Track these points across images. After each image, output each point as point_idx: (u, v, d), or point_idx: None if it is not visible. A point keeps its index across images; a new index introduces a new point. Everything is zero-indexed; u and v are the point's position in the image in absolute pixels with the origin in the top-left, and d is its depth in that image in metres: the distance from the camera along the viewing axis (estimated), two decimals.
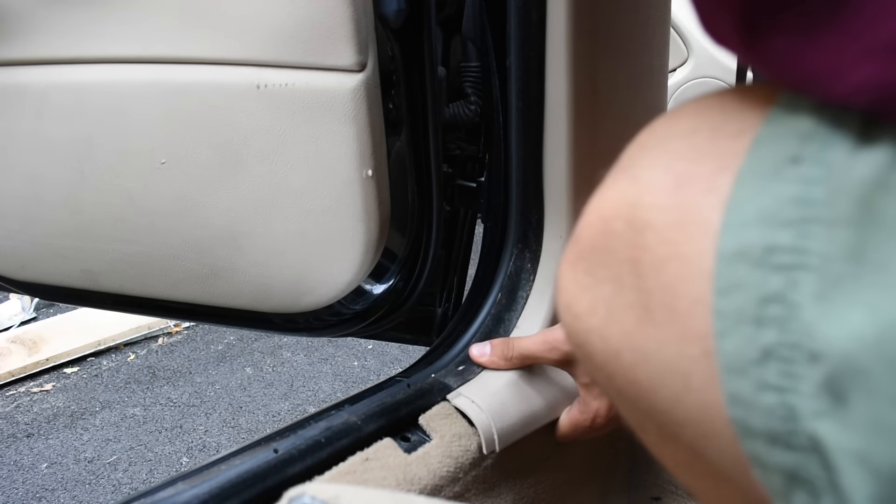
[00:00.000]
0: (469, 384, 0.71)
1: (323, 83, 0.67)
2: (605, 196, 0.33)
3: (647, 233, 0.29)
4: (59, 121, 0.77)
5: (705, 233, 0.27)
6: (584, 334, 0.34)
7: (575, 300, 0.34)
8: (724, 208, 0.26)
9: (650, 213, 0.29)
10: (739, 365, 0.25)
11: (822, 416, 0.23)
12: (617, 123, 0.78)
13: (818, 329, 0.23)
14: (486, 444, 0.66)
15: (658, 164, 0.30)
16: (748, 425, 0.25)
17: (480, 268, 0.85)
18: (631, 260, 0.30)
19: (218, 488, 0.56)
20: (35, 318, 3.03)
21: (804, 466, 0.24)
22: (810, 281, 0.23)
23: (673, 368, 0.29)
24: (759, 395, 0.24)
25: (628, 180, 0.31)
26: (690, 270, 0.27)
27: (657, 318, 0.29)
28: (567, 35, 0.70)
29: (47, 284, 0.89)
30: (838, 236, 0.23)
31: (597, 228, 0.33)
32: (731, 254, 0.26)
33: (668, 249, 0.28)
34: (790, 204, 0.24)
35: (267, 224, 0.75)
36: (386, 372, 2.56)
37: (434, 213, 0.81)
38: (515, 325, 0.80)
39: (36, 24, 0.74)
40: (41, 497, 2.02)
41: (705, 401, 0.27)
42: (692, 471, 0.36)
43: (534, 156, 0.77)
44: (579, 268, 0.34)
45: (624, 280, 0.31)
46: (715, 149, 0.28)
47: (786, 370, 0.24)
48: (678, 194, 0.28)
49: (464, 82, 0.81)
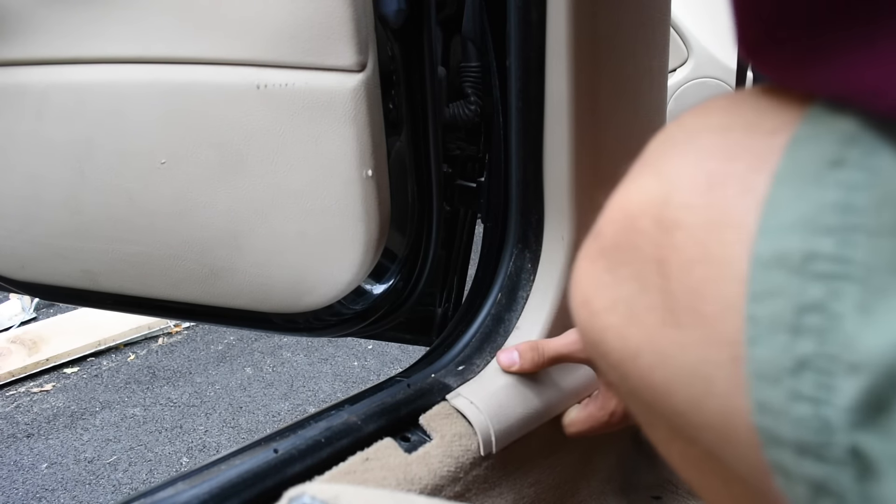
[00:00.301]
0: (468, 384, 0.71)
1: (323, 83, 0.67)
2: (630, 192, 0.31)
3: (676, 233, 0.28)
4: (59, 121, 0.77)
5: (740, 236, 0.26)
6: (600, 332, 0.33)
7: (594, 297, 0.33)
8: (761, 211, 0.25)
9: (680, 212, 0.28)
10: (772, 373, 0.25)
11: (862, 428, 0.22)
12: (617, 123, 0.78)
13: (859, 340, 0.22)
14: (483, 445, 0.66)
15: (688, 160, 0.29)
16: (776, 434, 0.25)
17: (480, 268, 0.85)
18: (657, 260, 0.29)
19: (218, 488, 0.56)
20: (35, 318, 3.03)
21: (834, 479, 0.23)
22: (853, 292, 0.23)
23: (695, 372, 0.28)
24: (792, 405, 0.24)
25: (656, 177, 0.30)
26: (722, 274, 0.26)
27: (682, 320, 0.28)
28: (567, 35, 0.70)
29: (47, 284, 0.89)
30: (884, 246, 0.22)
31: (621, 225, 0.32)
32: (768, 259, 0.25)
33: (699, 251, 0.27)
34: (832, 210, 0.24)
35: (267, 224, 0.75)
36: (386, 372, 2.56)
37: (434, 213, 0.81)
38: (515, 326, 0.80)
39: (36, 24, 0.74)
40: (41, 497, 2.02)
41: (728, 406, 0.27)
42: (700, 469, 0.35)
43: (534, 156, 0.77)
44: (600, 264, 0.33)
45: (648, 280, 0.30)
46: (750, 147, 0.27)
47: (822, 382, 0.23)
48: (711, 194, 0.27)
49: (464, 82, 0.81)
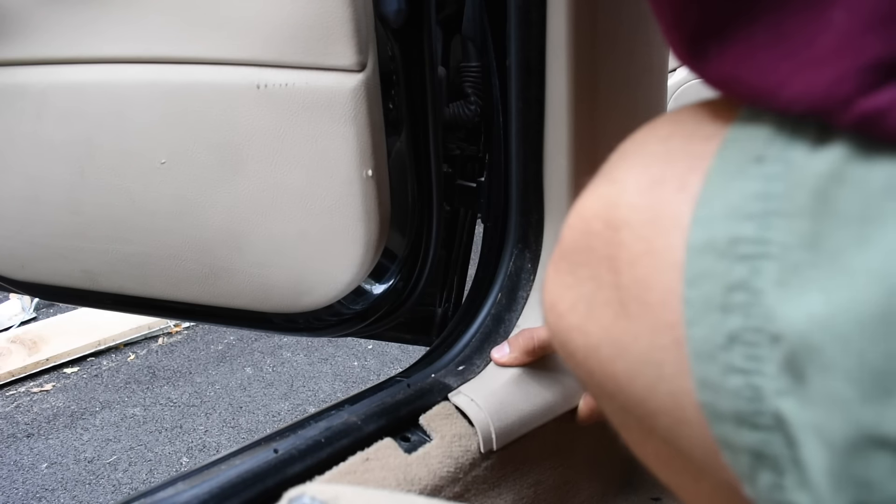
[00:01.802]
0: (470, 384, 0.71)
1: (323, 83, 0.67)
2: (586, 198, 0.34)
3: (622, 230, 0.31)
4: (58, 121, 0.77)
5: (676, 228, 0.28)
6: (566, 332, 0.36)
7: (558, 299, 0.36)
8: (694, 204, 0.28)
9: (626, 211, 0.31)
10: (708, 350, 0.26)
11: (784, 394, 0.24)
12: (617, 123, 0.78)
13: (778, 312, 0.24)
14: (483, 443, 0.66)
15: (635, 166, 0.32)
16: (716, 408, 0.27)
17: (480, 268, 0.85)
18: (608, 257, 0.32)
19: (218, 488, 0.56)
20: (35, 318, 3.03)
21: (768, 444, 0.25)
22: (771, 269, 0.25)
23: (647, 359, 0.30)
24: (726, 378, 0.26)
25: (607, 182, 0.33)
26: (662, 263, 0.29)
27: (632, 311, 0.30)
28: (567, 35, 0.70)
29: (47, 284, 0.89)
30: (796, 227, 0.24)
31: (578, 229, 0.34)
32: (699, 246, 0.27)
33: (642, 245, 0.30)
34: (753, 199, 0.26)
35: (267, 224, 0.75)
36: (386, 372, 2.55)
37: (434, 213, 0.81)
38: (515, 325, 0.80)
39: (36, 24, 0.74)
40: (41, 497, 2.02)
41: (677, 388, 0.29)
42: (671, 467, 0.37)
43: (534, 156, 0.77)
44: (562, 267, 0.36)
45: (602, 277, 0.32)
46: (687, 151, 0.30)
47: (750, 353, 0.25)
48: (652, 193, 0.30)
49: (464, 82, 0.81)
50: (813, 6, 0.24)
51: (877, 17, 0.22)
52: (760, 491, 0.26)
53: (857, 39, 0.23)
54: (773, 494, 0.26)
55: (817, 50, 0.24)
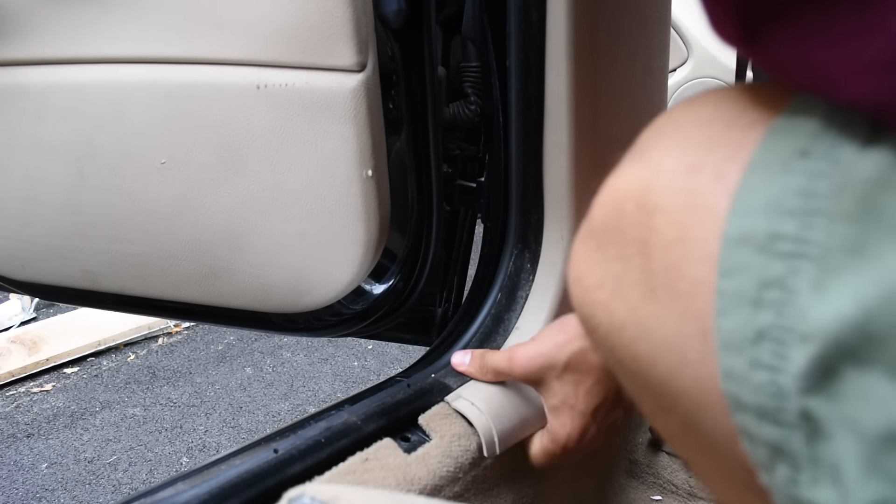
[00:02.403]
0: (469, 386, 0.71)
1: (323, 83, 0.67)
2: (619, 178, 0.34)
3: (656, 215, 0.31)
4: (58, 121, 0.77)
5: (711, 218, 0.28)
6: (590, 307, 0.36)
7: (585, 274, 0.36)
8: (733, 195, 0.27)
9: (660, 196, 0.31)
10: (736, 343, 0.27)
11: (812, 393, 0.24)
12: (617, 124, 0.78)
13: (811, 314, 0.24)
14: (486, 447, 0.66)
15: (672, 149, 0.32)
16: (740, 400, 0.27)
17: (480, 268, 0.85)
18: (639, 241, 0.32)
19: (218, 488, 0.56)
20: (35, 318, 3.03)
21: (788, 441, 0.26)
22: (809, 269, 0.24)
23: (672, 344, 0.30)
24: (752, 372, 0.26)
25: (642, 164, 0.33)
26: (695, 253, 0.29)
27: (660, 296, 0.31)
28: (567, 35, 0.70)
29: (47, 284, 0.89)
30: (840, 230, 0.24)
31: (609, 208, 0.34)
32: (736, 237, 0.27)
33: (675, 233, 0.30)
34: (796, 195, 0.25)
35: (267, 224, 0.75)
36: (386, 372, 2.56)
37: (434, 213, 0.81)
38: (515, 326, 0.80)
39: (36, 24, 0.74)
40: (41, 497, 2.02)
41: (701, 375, 0.29)
42: (684, 441, 0.37)
43: (534, 156, 0.77)
44: (590, 244, 0.36)
45: (632, 259, 0.32)
46: (727, 138, 0.29)
47: (778, 351, 0.25)
48: (688, 180, 0.30)
49: (464, 82, 0.81)
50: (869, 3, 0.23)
51: None
52: (777, 482, 0.27)
53: None
54: (788, 488, 0.26)
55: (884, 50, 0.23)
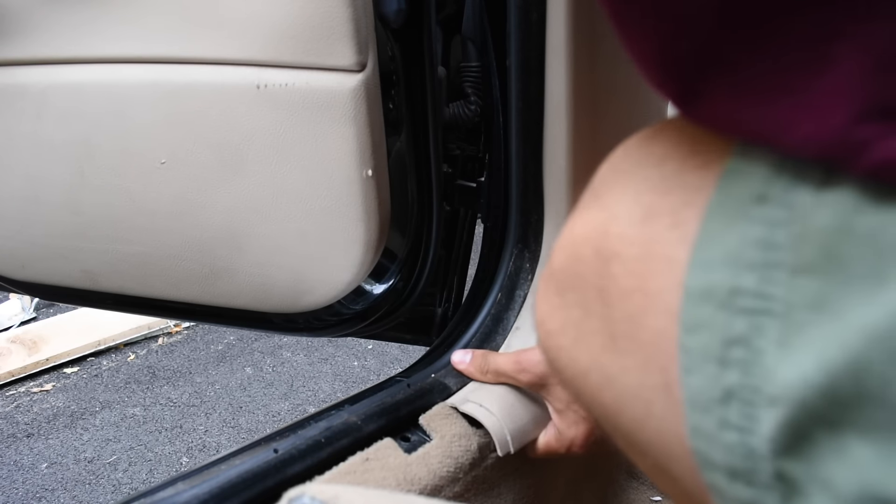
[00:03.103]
0: (473, 388, 0.71)
1: (323, 83, 0.67)
2: (576, 221, 0.33)
3: (613, 263, 0.30)
4: (58, 121, 0.77)
5: (670, 268, 0.27)
6: (555, 351, 0.35)
7: (547, 318, 0.35)
8: (691, 245, 0.26)
9: (617, 243, 0.30)
10: (703, 402, 0.25)
11: (786, 455, 0.23)
12: (617, 123, 0.78)
13: (777, 374, 0.23)
14: (500, 448, 0.66)
15: (628, 192, 0.31)
16: (709, 458, 0.26)
17: (480, 268, 0.85)
18: (598, 288, 0.31)
19: (218, 488, 0.56)
20: (35, 318, 3.03)
21: (762, 502, 0.24)
22: (773, 326, 0.23)
23: (636, 395, 0.29)
24: (721, 432, 0.25)
25: (599, 207, 0.32)
26: (655, 304, 0.28)
27: (622, 346, 0.30)
28: (567, 35, 0.70)
29: (47, 284, 0.89)
30: (802, 284, 0.23)
31: (567, 253, 0.33)
32: (697, 292, 0.26)
33: (634, 282, 0.29)
34: (755, 246, 0.24)
35: (267, 224, 0.75)
36: (386, 372, 2.56)
37: (434, 213, 0.81)
38: (514, 325, 0.80)
39: (36, 23, 0.74)
40: (41, 497, 2.02)
41: (666, 428, 0.28)
42: (662, 482, 0.36)
43: (534, 156, 0.77)
44: (550, 287, 0.35)
45: (591, 306, 0.31)
46: (682, 181, 0.28)
47: (746, 412, 0.24)
48: (644, 226, 0.29)
49: (464, 82, 0.81)
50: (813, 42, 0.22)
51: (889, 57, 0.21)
52: None
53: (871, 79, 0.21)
54: None
55: (825, 89, 0.22)
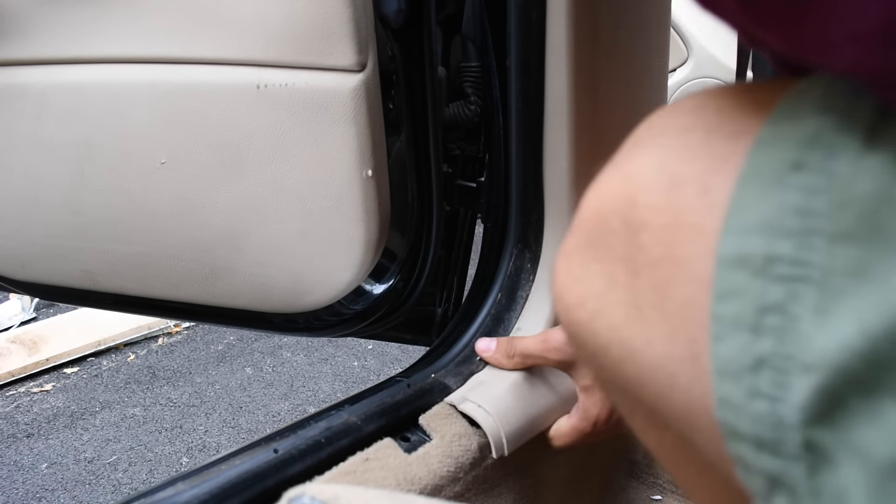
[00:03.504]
0: (473, 387, 0.71)
1: (323, 83, 0.67)
2: (600, 191, 0.33)
3: (642, 233, 0.29)
4: (58, 121, 0.77)
5: (700, 236, 0.27)
6: (575, 325, 0.35)
7: (566, 291, 0.35)
8: (724, 212, 0.26)
9: (645, 213, 0.29)
10: (733, 370, 0.25)
11: (816, 424, 0.23)
12: (617, 123, 0.78)
13: (814, 341, 0.23)
14: (495, 448, 0.66)
15: (652, 161, 0.30)
16: (736, 429, 0.26)
17: (480, 268, 0.85)
18: (626, 258, 0.30)
19: (218, 488, 0.56)
20: (35, 318, 3.03)
21: (788, 472, 0.24)
22: (811, 294, 0.23)
23: (660, 367, 0.29)
24: (750, 401, 0.25)
25: (623, 177, 0.31)
26: (684, 273, 0.27)
27: (647, 316, 0.29)
28: (567, 35, 0.70)
29: (47, 284, 0.89)
30: (841, 251, 0.23)
31: (593, 224, 0.33)
32: (731, 259, 0.25)
33: (663, 251, 0.28)
34: (792, 213, 0.24)
35: (267, 224, 0.75)
36: (386, 372, 2.55)
37: (434, 213, 0.81)
38: (515, 326, 0.80)
39: (36, 24, 0.74)
40: (41, 497, 2.02)
41: (692, 400, 0.27)
42: (675, 459, 0.36)
43: (534, 156, 0.77)
44: (574, 260, 0.34)
45: (617, 277, 0.31)
46: (707, 149, 0.28)
47: (779, 380, 0.24)
48: (672, 195, 0.28)
49: (464, 82, 0.81)
50: None
51: None
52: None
53: None
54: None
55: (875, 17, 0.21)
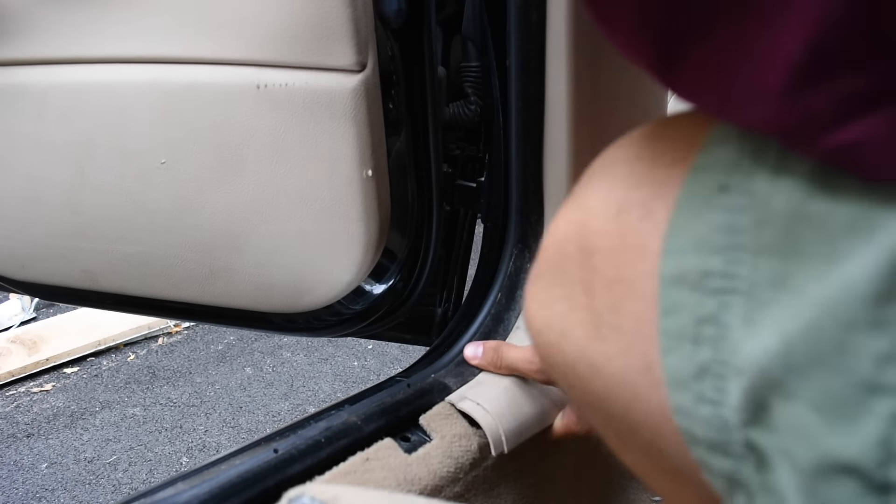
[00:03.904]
0: (472, 386, 0.71)
1: (323, 83, 0.67)
2: (559, 221, 0.36)
3: (595, 256, 0.32)
4: (59, 121, 0.77)
5: (644, 257, 0.29)
6: (545, 348, 0.37)
7: (535, 316, 0.38)
8: (664, 234, 0.28)
9: (597, 238, 0.32)
10: (681, 379, 0.28)
11: (752, 424, 0.25)
12: (617, 123, 0.78)
13: (742, 347, 0.25)
14: (494, 447, 0.66)
15: (602, 190, 0.33)
16: (692, 434, 0.28)
17: (480, 268, 0.85)
18: (582, 281, 0.33)
19: (218, 488, 0.56)
20: (35, 318, 3.03)
21: (739, 471, 0.26)
22: (739, 304, 0.25)
23: (621, 380, 0.31)
24: (698, 407, 0.27)
25: (578, 206, 0.35)
26: (633, 292, 0.30)
27: (605, 334, 0.32)
28: (567, 35, 0.70)
29: (47, 284, 0.89)
30: (764, 263, 0.25)
31: (553, 251, 0.36)
32: (671, 277, 0.28)
33: (613, 272, 0.31)
34: (720, 231, 0.26)
35: (267, 224, 0.75)
36: (386, 372, 2.56)
37: (434, 213, 0.81)
38: (515, 325, 0.80)
39: (36, 24, 0.74)
40: (41, 497, 2.02)
41: (652, 409, 0.30)
42: (654, 474, 0.37)
43: (534, 156, 0.77)
44: (539, 286, 0.37)
45: (576, 299, 0.34)
46: (652, 176, 0.31)
47: (718, 385, 0.26)
48: (618, 220, 0.31)
49: (464, 82, 0.81)
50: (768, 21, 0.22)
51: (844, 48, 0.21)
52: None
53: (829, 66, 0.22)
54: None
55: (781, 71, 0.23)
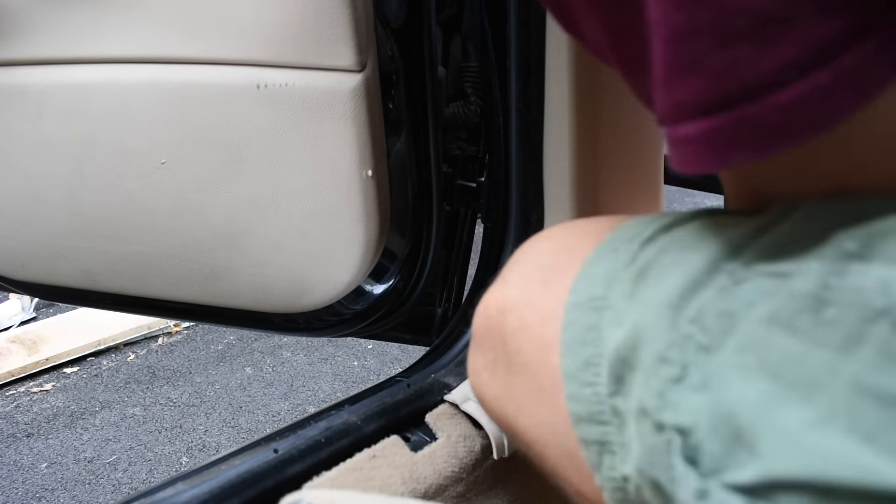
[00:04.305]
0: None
1: (323, 83, 0.67)
2: (488, 295, 0.47)
3: (507, 314, 0.44)
4: (59, 121, 0.77)
5: (540, 309, 0.41)
6: (479, 388, 0.48)
7: (472, 366, 0.49)
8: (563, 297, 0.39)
9: (510, 302, 0.44)
10: (572, 372, 0.37)
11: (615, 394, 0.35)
12: (617, 123, 0.78)
13: (608, 341, 0.36)
14: (496, 449, 0.66)
15: (521, 271, 0.45)
16: (578, 413, 0.37)
17: (480, 268, 0.85)
18: (500, 334, 0.45)
19: (218, 488, 0.56)
20: (35, 318, 3.03)
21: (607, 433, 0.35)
22: (610, 314, 0.36)
23: (529, 401, 0.42)
24: (582, 389, 0.36)
25: (502, 283, 0.46)
26: (531, 332, 0.42)
27: (516, 368, 0.43)
28: (567, 35, 0.70)
29: (47, 284, 0.89)
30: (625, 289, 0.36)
31: (483, 316, 0.47)
32: (573, 304, 0.39)
33: (519, 322, 0.43)
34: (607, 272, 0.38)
35: (267, 224, 0.75)
36: (386, 372, 2.56)
37: (434, 213, 0.81)
38: None
39: (36, 24, 0.74)
40: (41, 497, 2.02)
41: (552, 418, 0.39)
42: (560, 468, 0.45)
43: (534, 156, 0.77)
44: (475, 347, 0.49)
45: (497, 348, 0.45)
46: (557, 262, 0.43)
47: (595, 370, 0.36)
48: (527, 288, 0.43)
49: (464, 82, 0.81)
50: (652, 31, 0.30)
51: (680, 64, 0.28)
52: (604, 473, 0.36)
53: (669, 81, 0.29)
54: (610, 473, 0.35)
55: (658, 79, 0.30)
